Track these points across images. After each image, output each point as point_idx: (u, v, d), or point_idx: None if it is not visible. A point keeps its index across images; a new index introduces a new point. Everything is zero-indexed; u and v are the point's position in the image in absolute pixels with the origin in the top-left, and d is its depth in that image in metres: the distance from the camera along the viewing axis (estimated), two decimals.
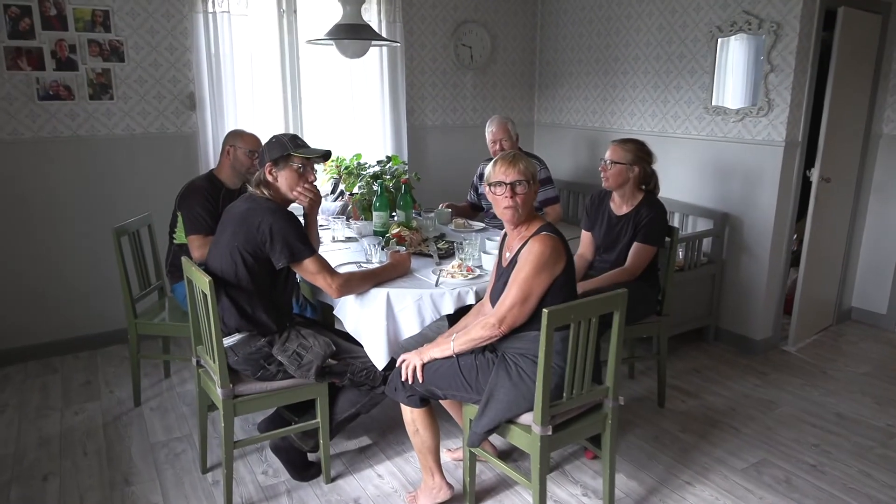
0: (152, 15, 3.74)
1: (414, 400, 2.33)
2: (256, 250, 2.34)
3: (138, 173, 3.88)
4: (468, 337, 2.21)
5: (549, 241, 2.14)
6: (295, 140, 2.47)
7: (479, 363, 2.23)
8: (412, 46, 4.62)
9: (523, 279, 2.12)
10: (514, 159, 2.22)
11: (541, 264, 2.11)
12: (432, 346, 2.30)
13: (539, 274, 2.11)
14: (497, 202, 2.24)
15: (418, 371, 2.27)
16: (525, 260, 2.13)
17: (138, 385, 3.26)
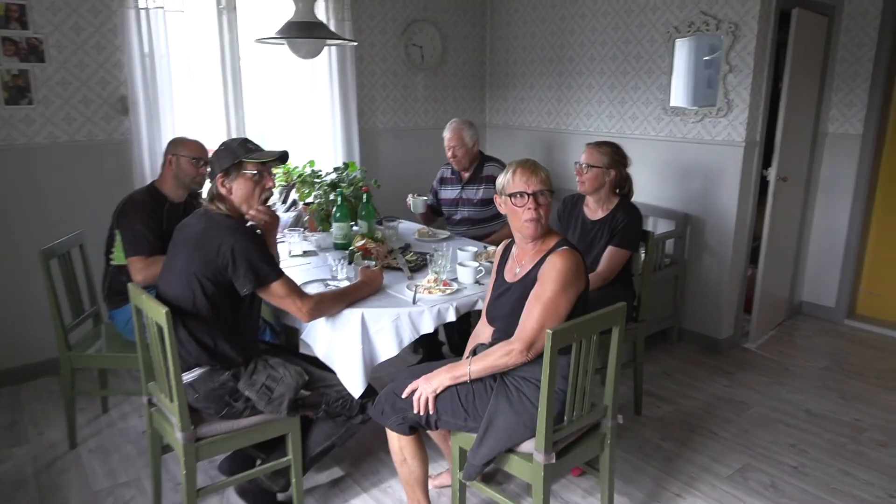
0: (76, 10, 3.36)
1: (404, 427, 2.14)
2: (217, 276, 2.09)
3: (65, 186, 3.50)
4: (487, 364, 2.02)
5: (573, 257, 2.00)
6: (246, 144, 2.22)
7: (475, 388, 2.06)
8: (361, 46, 4.40)
9: (549, 299, 1.95)
10: (535, 167, 2.06)
11: (567, 282, 1.96)
12: (443, 373, 2.09)
13: (565, 292, 1.96)
14: (516, 214, 2.06)
15: (430, 402, 2.07)
16: (549, 278, 1.97)
17: (73, 424, 2.90)
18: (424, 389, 2.07)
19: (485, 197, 3.68)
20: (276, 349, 2.49)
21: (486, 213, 3.71)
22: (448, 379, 2.06)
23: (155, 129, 3.58)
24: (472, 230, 3.69)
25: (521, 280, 2.09)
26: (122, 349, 2.80)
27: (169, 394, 2.09)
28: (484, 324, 2.28)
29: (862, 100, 4.11)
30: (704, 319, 3.99)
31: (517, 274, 2.14)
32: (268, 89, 4.27)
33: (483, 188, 3.67)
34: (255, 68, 4.12)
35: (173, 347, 1.98)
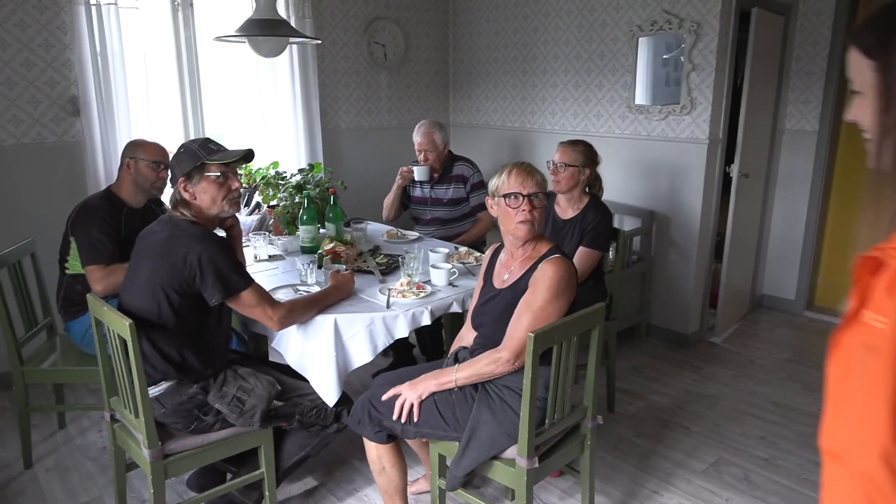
0: (21, 6, 3.19)
1: (381, 436, 2.08)
2: (184, 286, 1.99)
3: (14, 192, 3.32)
4: (474, 371, 1.98)
5: (565, 265, 1.97)
6: (207, 145, 2.12)
7: (455, 398, 2.01)
8: (323, 44, 4.31)
9: (540, 307, 1.92)
10: (530, 169, 2.03)
11: (559, 290, 1.93)
12: (429, 379, 2.04)
13: (557, 300, 1.94)
14: (508, 216, 2.03)
15: (415, 410, 2.01)
16: (541, 286, 1.94)
17: (28, 442, 2.75)
18: (409, 395, 2.02)
19: (455, 196, 3.64)
20: (246, 358, 2.41)
21: (456, 213, 3.67)
22: (434, 385, 2.02)
23: (109, 130, 3.43)
24: (442, 230, 3.65)
25: (511, 287, 2.06)
26: (79, 362, 2.67)
27: (134, 409, 1.99)
28: (468, 328, 2.24)
29: (817, 97, 4.21)
30: (671, 315, 4.04)
31: (505, 280, 2.10)
32: (227, 89, 4.15)
33: (453, 187, 3.63)
34: (213, 67, 3.99)
35: (138, 361, 1.89)
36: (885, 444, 0.76)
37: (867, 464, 0.78)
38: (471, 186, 3.63)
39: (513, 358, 1.93)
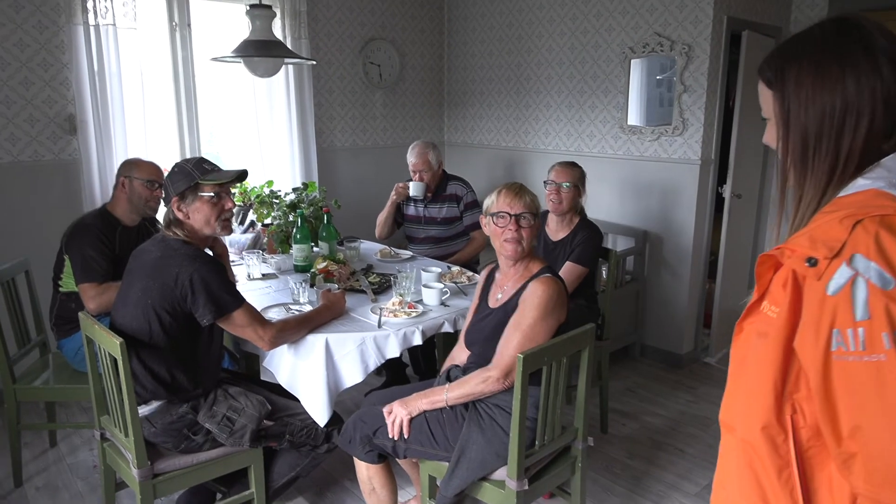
0: (21, 26, 3.23)
1: (372, 455, 2.08)
2: (176, 307, 2.00)
3: (9, 209, 3.33)
4: (464, 391, 1.99)
5: (554, 285, 1.99)
6: (201, 164, 2.13)
7: (446, 417, 2.02)
8: (319, 64, 4.36)
9: (529, 326, 1.93)
10: (520, 190, 2.05)
11: (547, 310, 1.94)
12: (420, 398, 2.05)
13: (545, 320, 1.95)
14: (496, 234, 2.06)
15: (405, 427, 2.02)
16: (529, 305, 1.95)
17: (18, 460, 2.74)
18: (399, 413, 2.03)
19: (448, 215, 3.66)
20: (237, 377, 2.41)
21: (449, 232, 3.69)
22: (425, 403, 2.03)
23: (105, 149, 3.45)
24: (436, 249, 3.66)
25: (503, 306, 2.07)
26: (70, 380, 2.67)
27: (123, 428, 1.99)
28: (461, 346, 2.25)
29: None
30: (665, 335, 4.05)
31: (499, 299, 2.12)
32: (224, 108, 4.18)
33: (447, 206, 3.66)
34: (210, 87, 4.03)
35: (128, 380, 1.89)
36: (767, 418, 0.89)
37: (751, 434, 0.91)
38: (464, 205, 3.65)
39: (502, 377, 1.94)
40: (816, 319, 0.83)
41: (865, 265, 0.79)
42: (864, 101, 0.89)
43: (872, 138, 0.90)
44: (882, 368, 0.77)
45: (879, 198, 0.85)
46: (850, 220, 0.83)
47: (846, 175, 0.91)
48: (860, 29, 0.91)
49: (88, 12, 3.28)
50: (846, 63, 0.90)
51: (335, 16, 4.39)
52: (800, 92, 0.93)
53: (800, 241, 0.86)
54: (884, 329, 0.78)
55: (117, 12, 3.37)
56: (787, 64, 0.95)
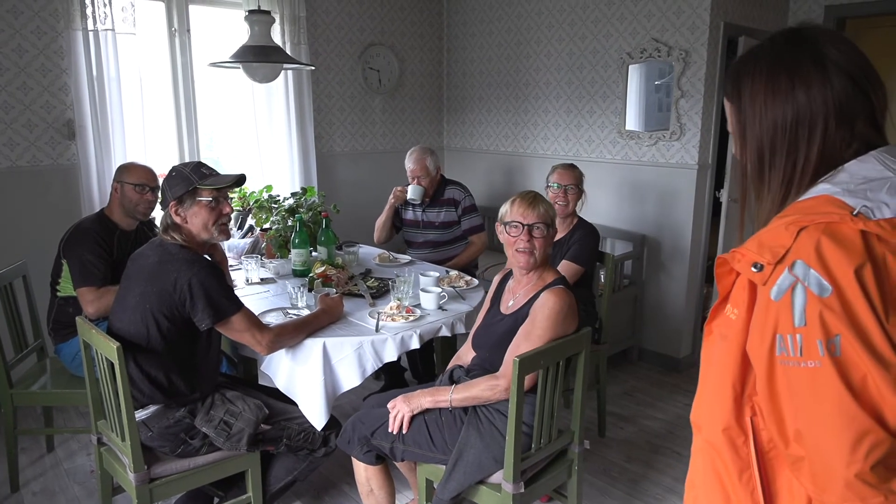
0: (19, 31, 3.24)
1: (371, 456, 2.09)
2: (174, 312, 2.00)
3: (7, 214, 3.34)
4: (470, 395, 2.00)
5: (566, 297, 1.98)
6: (199, 169, 2.13)
7: (444, 419, 2.02)
8: (318, 69, 4.37)
9: (538, 336, 1.93)
10: (534, 200, 2.05)
11: (557, 322, 1.94)
12: (425, 395, 2.05)
13: (554, 330, 1.94)
14: (509, 243, 2.05)
15: (405, 422, 2.02)
16: (541, 315, 1.95)
17: (15, 465, 2.73)
18: (402, 408, 2.04)
19: (446, 220, 3.66)
20: (234, 382, 2.41)
21: (447, 236, 3.69)
22: (429, 402, 2.04)
23: (104, 154, 3.46)
24: (434, 253, 3.67)
25: (514, 314, 2.08)
26: (68, 385, 2.67)
27: (120, 432, 1.99)
28: (468, 348, 2.26)
29: None
30: (663, 339, 4.05)
31: (510, 306, 2.12)
32: (223, 113, 4.20)
33: (445, 211, 3.66)
34: (209, 92, 4.04)
35: (125, 384, 1.89)
36: (727, 420, 0.91)
37: (714, 435, 0.93)
38: (462, 210, 3.66)
39: (510, 386, 1.94)
40: (762, 324, 0.84)
41: (805, 272, 0.80)
42: (816, 112, 0.90)
43: (827, 149, 0.91)
44: (816, 375, 0.78)
45: (828, 204, 0.85)
46: (795, 227, 0.83)
47: (802, 185, 0.92)
48: (810, 40, 0.92)
49: (87, 18, 3.29)
50: (796, 75, 0.91)
51: (334, 21, 4.41)
52: (753, 105, 0.94)
53: (749, 246, 0.87)
54: (818, 336, 0.78)
55: (116, 18, 3.39)
56: (742, 78, 0.96)
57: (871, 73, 0.92)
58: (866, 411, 0.76)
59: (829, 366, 0.77)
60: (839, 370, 0.77)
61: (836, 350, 0.77)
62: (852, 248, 0.79)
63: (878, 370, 0.76)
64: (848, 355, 0.77)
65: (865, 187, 0.85)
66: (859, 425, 0.76)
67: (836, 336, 0.78)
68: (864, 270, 0.78)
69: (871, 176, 0.87)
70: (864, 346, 0.77)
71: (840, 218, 0.82)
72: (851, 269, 0.78)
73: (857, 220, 0.81)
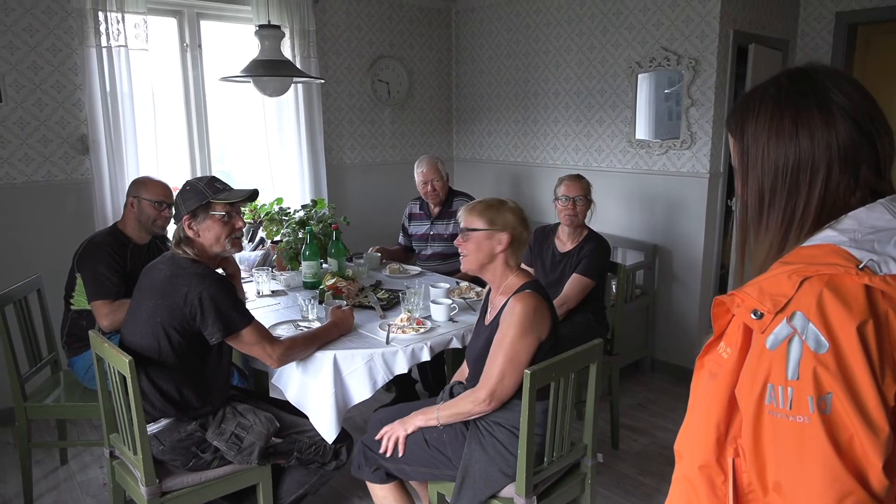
0: (35, 49, 3.29)
1: (380, 475, 2.08)
2: (185, 325, 2.01)
3: (22, 229, 3.38)
4: (455, 411, 1.99)
5: (532, 300, 1.93)
6: (213, 184, 2.15)
7: (447, 436, 2.01)
8: (328, 82, 4.40)
9: (509, 345, 1.91)
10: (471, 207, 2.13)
11: (524, 327, 1.90)
12: (416, 415, 2.05)
13: (524, 338, 1.91)
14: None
15: (400, 443, 2.02)
16: (508, 323, 1.93)
17: (29, 479, 2.74)
18: (396, 430, 2.04)
19: (455, 231, 3.66)
20: (245, 394, 2.41)
21: (456, 248, 3.68)
22: (420, 420, 2.04)
23: (117, 168, 3.49)
24: (443, 265, 3.67)
25: (491, 323, 2.07)
26: (81, 398, 2.68)
27: (132, 446, 2.00)
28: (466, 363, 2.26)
29: None
30: (676, 349, 4.02)
31: (489, 318, 2.12)
32: (234, 127, 4.23)
33: (453, 223, 3.66)
34: (220, 106, 4.07)
35: (137, 398, 1.90)
36: (706, 458, 0.90)
37: (691, 470, 0.92)
38: None
39: (488, 398, 1.92)
40: (754, 370, 0.83)
41: (804, 325, 0.79)
42: (819, 157, 0.88)
43: (830, 195, 0.89)
44: (804, 431, 0.77)
45: (833, 255, 0.83)
46: (798, 276, 0.82)
47: (802, 231, 0.90)
48: (816, 83, 0.91)
49: (101, 35, 3.34)
50: (800, 118, 0.90)
51: (343, 34, 4.44)
52: (756, 146, 0.93)
53: (750, 291, 0.86)
54: (810, 392, 0.77)
55: (129, 34, 3.43)
56: (746, 117, 0.95)
57: (878, 117, 0.90)
58: (850, 472, 0.75)
59: (818, 423, 0.76)
60: (827, 428, 0.76)
61: (826, 408, 0.76)
62: (855, 305, 0.78)
63: (866, 434, 0.75)
64: (838, 414, 0.76)
65: (873, 238, 0.83)
66: (842, 485, 0.75)
67: (828, 394, 0.76)
68: (867, 328, 0.77)
69: (879, 226, 0.85)
70: (855, 408, 0.75)
71: (845, 271, 0.80)
72: (853, 327, 0.77)
73: (863, 275, 0.79)
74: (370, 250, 3.54)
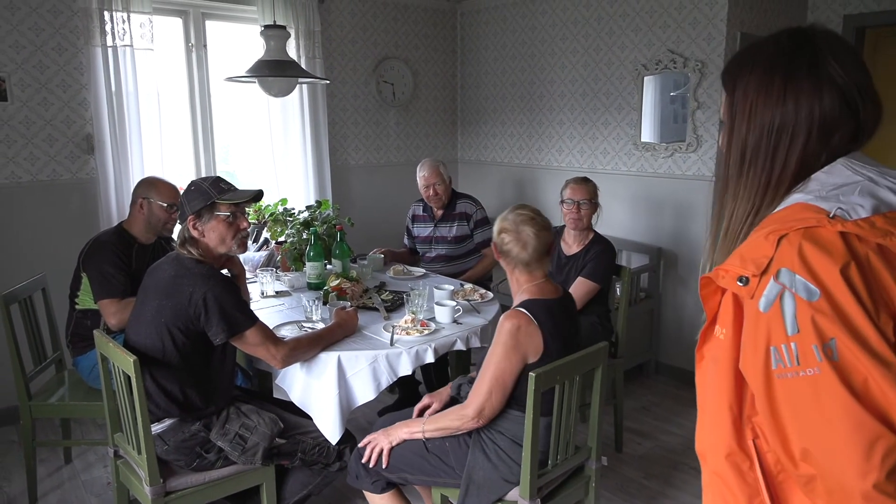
0: (40, 48, 3.30)
1: (379, 485, 2.07)
2: (189, 325, 2.01)
3: (28, 228, 3.38)
4: (440, 426, 1.98)
5: (517, 319, 1.88)
6: (218, 184, 2.15)
7: (449, 444, 2.01)
8: (333, 83, 4.40)
9: (495, 363, 1.89)
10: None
11: (508, 346, 1.87)
12: (402, 427, 2.05)
13: (508, 358, 1.87)
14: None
15: (384, 455, 2.02)
16: (495, 341, 1.92)
17: (34, 477, 2.75)
18: (380, 441, 2.04)
19: (458, 234, 3.66)
20: (249, 395, 2.41)
21: (460, 250, 3.68)
22: (405, 433, 2.03)
23: (122, 168, 3.50)
24: (447, 267, 3.66)
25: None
26: (85, 397, 2.68)
27: (137, 446, 2.00)
28: None
29: None
30: (681, 352, 4.00)
31: None
32: (238, 127, 4.23)
33: (457, 225, 3.66)
34: (225, 106, 4.08)
35: (141, 398, 1.90)
36: (729, 446, 0.87)
37: (718, 463, 0.89)
38: (474, 223, 3.65)
39: (476, 415, 1.91)
40: (753, 338, 0.82)
41: (791, 279, 0.79)
42: (801, 122, 0.89)
43: (805, 159, 0.90)
44: (817, 382, 0.76)
45: (804, 210, 0.84)
46: (775, 236, 0.82)
47: (779, 192, 0.91)
48: (813, 47, 0.91)
49: (107, 34, 3.34)
50: (789, 83, 0.90)
51: (348, 35, 4.44)
52: (745, 104, 0.94)
53: (732, 262, 0.85)
54: (813, 341, 0.76)
55: (135, 34, 3.43)
56: (740, 73, 0.96)
57: (867, 89, 0.90)
58: (874, 415, 0.73)
59: (829, 371, 0.75)
60: (840, 375, 0.75)
61: (833, 354, 0.75)
62: (834, 250, 0.78)
63: (878, 370, 0.73)
64: (846, 358, 0.75)
65: (837, 192, 0.85)
66: (868, 431, 0.73)
67: (832, 339, 0.75)
68: (850, 270, 0.77)
69: (839, 182, 0.87)
70: (861, 347, 0.74)
71: (818, 222, 0.81)
72: (837, 270, 0.77)
73: (835, 223, 0.80)
74: (373, 252, 3.54)
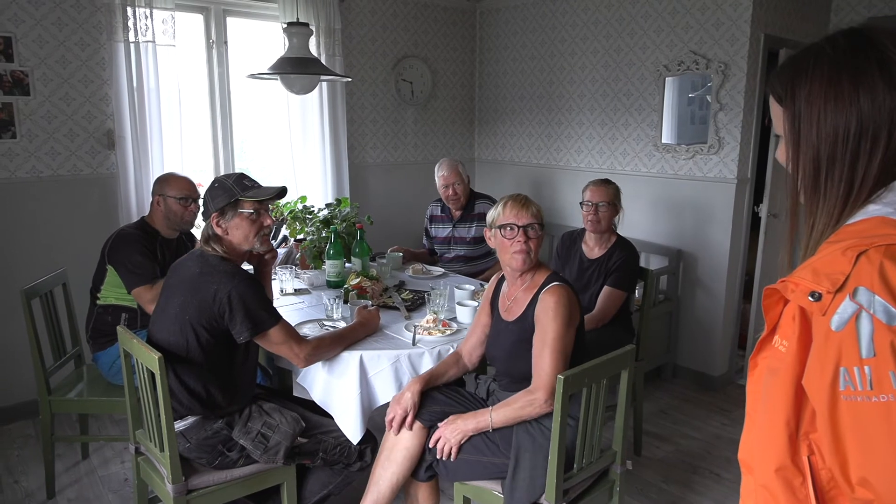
0: (63, 43, 3.30)
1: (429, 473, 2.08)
2: (213, 323, 2.00)
3: (48, 223, 3.39)
4: (510, 415, 1.97)
5: (563, 291, 1.99)
6: (241, 181, 2.13)
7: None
8: (352, 81, 4.39)
9: (554, 339, 1.93)
10: (526, 201, 2.07)
11: (565, 318, 1.95)
12: (468, 421, 2.02)
13: (567, 328, 1.96)
14: (505, 247, 2.06)
15: (454, 451, 2.01)
16: (547, 318, 1.95)
17: (52, 472, 2.75)
18: (449, 439, 2.01)
19: (477, 235, 3.64)
20: (271, 394, 2.40)
21: (479, 251, 3.66)
22: (472, 429, 2.01)
23: (142, 163, 3.50)
24: (466, 268, 3.64)
25: (518, 321, 2.07)
26: (104, 393, 2.68)
27: (159, 443, 1.99)
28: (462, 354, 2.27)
29: None
30: (699, 356, 3.96)
31: (512, 312, 2.12)
32: (257, 124, 4.23)
33: (475, 226, 3.64)
34: (244, 103, 4.07)
35: (165, 395, 1.89)
36: (781, 460, 0.84)
37: (766, 476, 0.86)
38: None
39: (549, 397, 1.93)
40: (822, 356, 0.78)
41: (869, 299, 0.74)
42: (881, 121, 0.83)
43: (888, 162, 0.84)
44: (891, 409, 0.72)
45: (884, 226, 0.79)
46: (854, 251, 0.77)
47: (859, 201, 0.86)
48: (875, 43, 0.85)
49: (129, 30, 3.34)
50: (860, 80, 0.83)
51: (368, 34, 4.43)
52: (811, 111, 0.87)
53: (803, 275, 0.81)
54: (890, 367, 0.72)
55: (157, 30, 3.43)
56: (798, 80, 0.88)
57: None
58: None
59: None
60: None
61: None
62: None
63: None
64: None
65: None
66: None
67: None
68: None
69: None
70: None
71: None
72: None
73: None
74: (390, 250, 3.52)
